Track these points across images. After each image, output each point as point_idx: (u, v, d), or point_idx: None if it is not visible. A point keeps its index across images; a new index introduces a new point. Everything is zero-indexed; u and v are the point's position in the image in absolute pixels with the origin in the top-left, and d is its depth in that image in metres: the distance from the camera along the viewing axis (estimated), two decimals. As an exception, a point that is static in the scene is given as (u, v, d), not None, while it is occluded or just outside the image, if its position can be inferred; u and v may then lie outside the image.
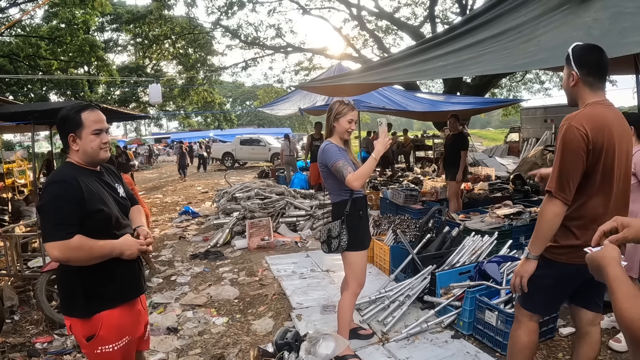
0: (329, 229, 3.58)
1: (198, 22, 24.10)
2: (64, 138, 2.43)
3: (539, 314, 2.78)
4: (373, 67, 7.54)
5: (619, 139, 2.44)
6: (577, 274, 2.49)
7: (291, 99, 16.71)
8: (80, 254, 2.27)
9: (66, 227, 2.25)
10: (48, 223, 2.26)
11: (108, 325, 2.41)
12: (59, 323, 4.74)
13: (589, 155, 2.39)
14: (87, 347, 2.42)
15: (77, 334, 2.42)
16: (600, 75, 2.49)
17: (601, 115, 2.43)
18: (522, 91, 27.43)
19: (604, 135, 2.38)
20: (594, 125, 2.37)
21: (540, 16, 4.86)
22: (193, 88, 26.84)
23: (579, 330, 2.79)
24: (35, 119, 6.16)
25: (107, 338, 2.42)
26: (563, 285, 2.62)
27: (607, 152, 2.40)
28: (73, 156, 2.45)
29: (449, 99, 15.65)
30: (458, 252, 5.09)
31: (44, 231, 2.28)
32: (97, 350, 2.42)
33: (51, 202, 2.27)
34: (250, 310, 4.96)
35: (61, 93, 24.28)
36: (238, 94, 69.77)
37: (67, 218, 2.25)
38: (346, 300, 3.68)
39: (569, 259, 2.51)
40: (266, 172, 18.92)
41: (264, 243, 7.54)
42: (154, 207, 13.08)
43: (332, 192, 3.66)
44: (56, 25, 21.18)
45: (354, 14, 21.45)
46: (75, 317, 2.40)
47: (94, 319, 2.38)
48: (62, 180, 2.31)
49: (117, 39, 28.80)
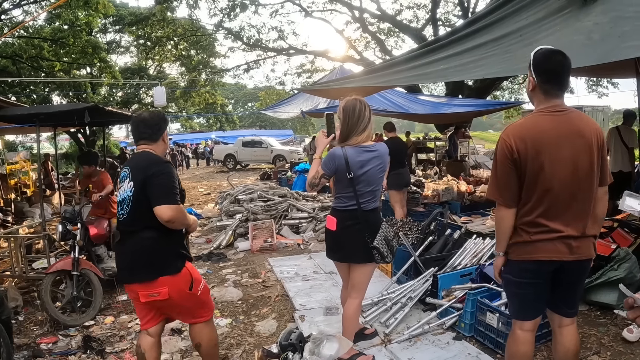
0: (385, 237, 3.43)
1: (200, 24, 24.11)
2: (160, 133, 3.18)
3: (517, 318, 2.87)
4: (375, 70, 7.58)
5: (558, 145, 2.56)
6: (532, 269, 2.68)
7: (293, 102, 16.77)
8: (182, 216, 2.97)
9: (175, 195, 2.95)
10: (166, 189, 2.91)
11: (193, 269, 3.18)
12: (63, 324, 4.79)
13: (517, 164, 2.60)
14: (190, 296, 3.10)
15: (180, 290, 3.03)
16: (557, 82, 2.63)
17: (533, 125, 2.64)
18: (523, 94, 27.37)
19: (533, 143, 2.56)
20: (521, 136, 2.60)
21: (542, 20, 4.90)
22: (195, 90, 26.87)
23: (552, 330, 2.95)
24: (41, 121, 6.19)
25: (198, 278, 3.19)
26: (526, 285, 2.74)
27: (535, 159, 2.56)
28: (157, 150, 3.16)
29: (451, 101, 15.68)
30: (460, 255, 5.12)
31: (160, 196, 2.87)
32: (198, 291, 3.14)
33: (169, 175, 2.95)
34: (253, 312, 5.00)
35: (64, 94, 24.29)
36: (240, 95, 69.83)
37: (176, 188, 2.97)
38: (354, 309, 3.62)
39: (519, 256, 2.72)
40: (268, 174, 18.94)
41: (266, 245, 7.57)
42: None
43: (376, 197, 3.52)
44: (59, 26, 21.16)
45: (356, 17, 21.44)
46: (174, 274, 3.00)
47: (185, 270, 3.07)
48: (170, 162, 3.11)
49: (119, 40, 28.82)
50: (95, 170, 6.23)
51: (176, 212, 2.88)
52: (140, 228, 2.97)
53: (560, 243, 2.60)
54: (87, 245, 5.56)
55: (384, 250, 3.40)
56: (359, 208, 3.40)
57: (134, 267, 3.01)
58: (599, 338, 4.02)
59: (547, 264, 2.64)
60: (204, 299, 3.24)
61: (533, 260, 2.66)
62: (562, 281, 2.73)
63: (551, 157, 2.56)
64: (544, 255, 2.63)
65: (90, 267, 5.20)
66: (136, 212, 2.96)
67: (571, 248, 2.60)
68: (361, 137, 3.39)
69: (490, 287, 4.21)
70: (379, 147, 3.47)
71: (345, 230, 3.45)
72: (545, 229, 2.62)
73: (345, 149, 3.36)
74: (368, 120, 3.40)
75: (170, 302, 3.04)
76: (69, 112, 6.35)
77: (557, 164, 2.56)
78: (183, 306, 3.14)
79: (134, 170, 3.01)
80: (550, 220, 2.60)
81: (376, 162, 3.40)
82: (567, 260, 2.62)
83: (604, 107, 21.32)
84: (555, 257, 2.62)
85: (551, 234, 2.61)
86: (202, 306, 3.25)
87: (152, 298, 2.98)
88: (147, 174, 2.92)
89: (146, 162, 2.99)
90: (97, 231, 5.71)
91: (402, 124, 25.08)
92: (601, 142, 2.63)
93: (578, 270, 2.71)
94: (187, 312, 3.22)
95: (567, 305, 2.80)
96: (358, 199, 3.39)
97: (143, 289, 2.99)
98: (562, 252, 2.61)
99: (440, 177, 12.36)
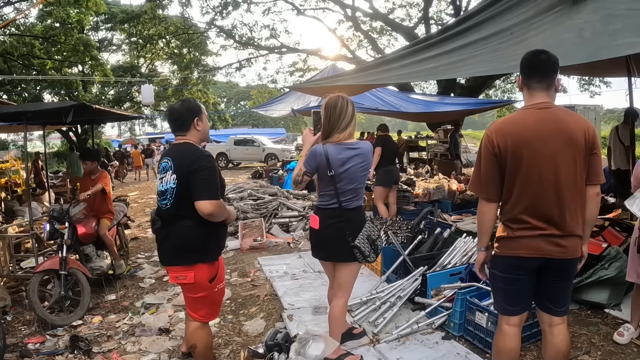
0: (368, 236, 3.37)
1: (192, 22, 24.01)
2: (189, 123, 3.20)
3: (503, 313, 2.88)
4: (366, 68, 7.56)
5: (540, 141, 2.57)
6: (515, 265, 2.71)
7: (285, 100, 16.70)
8: (222, 211, 3.10)
9: (216, 190, 3.06)
10: (208, 185, 3.01)
11: (222, 267, 3.36)
12: (51, 324, 4.73)
13: (499, 159, 2.65)
14: (209, 288, 3.23)
15: (203, 278, 3.18)
16: (538, 77, 2.66)
17: (516, 121, 2.68)
18: (516, 92, 27.44)
19: (513, 139, 2.60)
20: (503, 131, 2.65)
21: (532, 18, 4.88)
22: (187, 88, 26.77)
23: (542, 329, 2.94)
24: (28, 119, 6.13)
25: (221, 277, 3.35)
26: (510, 280, 2.77)
27: (514, 154, 2.60)
28: (193, 138, 3.23)
29: (443, 99, 15.68)
30: (449, 254, 5.11)
31: (202, 191, 2.99)
32: (215, 288, 3.28)
33: (211, 170, 3.05)
34: (242, 311, 4.96)
35: (55, 93, 24.13)
36: (232, 94, 69.62)
37: (217, 182, 3.08)
38: (340, 308, 3.56)
39: (503, 251, 2.74)
40: (260, 173, 18.88)
41: (256, 244, 7.53)
42: (147, 207, 13.04)
43: (359, 195, 3.45)
44: (50, 24, 21.03)
45: (349, 15, 21.41)
46: (206, 262, 3.18)
47: (216, 263, 3.27)
48: (212, 156, 3.16)
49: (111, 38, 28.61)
50: (96, 168, 6.17)
51: (216, 207, 3.02)
52: (183, 217, 3.12)
53: (542, 240, 2.60)
54: (75, 244, 5.50)
55: (366, 249, 3.35)
56: (340, 206, 3.35)
57: (175, 251, 3.18)
58: (589, 337, 4.02)
59: (529, 260, 2.64)
60: (215, 298, 3.37)
61: (515, 255, 2.68)
62: (547, 279, 2.72)
63: (532, 153, 2.57)
64: (525, 251, 2.63)
65: (78, 266, 5.15)
66: (180, 203, 3.10)
67: (554, 246, 2.59)
68: (343, 134, 3.33)
69: (479, 286, 4.20)
70: (362, 145, 3.40)
71: (328, 229, 3.41)
72: (528, 226, 2.62)
73: (327, 146, 3.32)
74: (350, 118, 3.34)
75: (190, 287, 3.22)
76: (56, 110, 6.30)
77: (538, 160, 2.57)
78: (196, 294, 3.25)
79: (176, 163, 3.12)
80: (532, 216, 2.61)
81: (358, 160, 3.33)
82: (550, 258, 2.61)
83: (595, 107, 21.35)
84: (536, 254, 2.61)
85: (533, 231, 2.61)
86: (211, 304, 3.36)
87: (179, 280, 3.21)
88: (190, 169, 3.03)
89: (189, 157, 3.08)
90: (85, 230, 5.66)
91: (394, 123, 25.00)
92: (590, 140, 2.59)
93: (563, 269, 2.69)
94: (195, 302, 3.30)
95: (554, 304, 2.78)
96: (339, 197, 3.34)
97: (175, 272, 3.22)
98: (543, 249, 2.60)
99: (432, 175, 12.37)
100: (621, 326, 4.03)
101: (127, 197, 7.90)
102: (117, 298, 5.52)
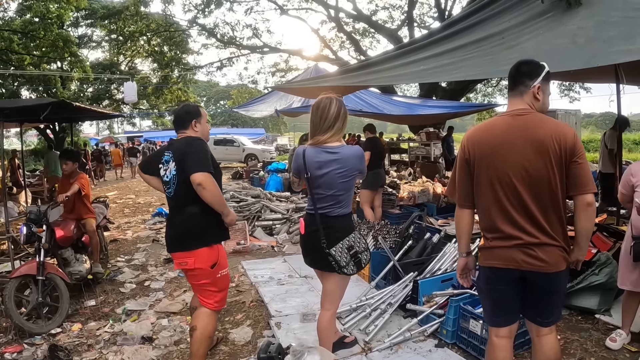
0: (350, 246, 3.17)
1: (174, 20, 23.79)
2: (188, 123, 3.52)
3: (491, 325, 2.83)
4: (352, 69, 7.47)
5: (509, 149, 2.52)
6: (492, 276, 2.66)
7: (267, 101, 16.58)
8: (214, 188, 3.27)
9: (209, 166, 3.30)
10: (202, 160, 3.28)
11: (222, 254, 3.53)
12: (28, 332, 4.53)
13: (470, 164, 2.65)
14: (211, 274, 3.44)
15: (204, 264, 3.39)
16: (510, 84, 2.67)
17: (487, 128, 2.68)
18: (497, 96, 27.68)
19: (483, 146, 2.60)
20: (474, 138, 2.66)
21: (524, 23, 4.86)
22: (167, 87, 26.46)
23: (532, 340, 2.87)
24: (5, 116, 5.91)
25: (222, 264, 3.51)
26: (492, 291, 2.73)
27: (483, 160, 2.59)
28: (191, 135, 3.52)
29: (425, 102, 15.73)
30: (439, 259, 5.04)
31: (196, 165, 3.24)
32: (218, 274, 3.47)
33: (203, 151, 3.34)
34: (227, 318, 4.82)
35: (33, 89, 23.70)
36: (212, 93, 69.24)
37: (209, 160, 3.34)
38: (327, 321, 3.40)
39: (482, 262, 2.70)
40: (240, 174, 18.71)
41: (239, 247, 7.40)
42: (127, 207, 12.81)
43: (345, 202, 3.25)
44: (29, 19, 20.64)
45: (332, 16, 21.42)
46: (205, 247, 3.38)
47: (215, 248, 3.46)
48: (197, 140, 3.43)
49: (91, 34, 28.07)
50: (75, 171, 5.96)
51: (207, 178, 3.23)
52: (185, 203, 3.40)
53: (517, 251, 2.51)
54: (53, 248, 5.31)
55: (343, 259, 3.14)
56: (316, 213, 3.20)
57: (177, 237, 3.45)
58: (581, 343, 4.00)
59: (505, 271, 2.57)
60: (219, 285, 3.54)
61: (492, 266, 2.64)
62: (531, 291, 2.63)
63: (499, 161, 2.54)
64: (500, 262, 2.57)
65: (56, 271, 4.95)
66: (181, 189, 3.39)
67: (530, 257, 2.49)
68: (324, 136, 3.16)
69: (472, 293, 4.13)
70: (344, 150, 3.18)
71: (309, 235, 3.27)
72: (501, 235, 2.56)
73: (308, 148, 3.20)
74: (334, 120, 3.15)
75: (193, 274, 3.46)
76: (33, 107, 6.09)
77: (507, 168, 2.52)
78: (200, 281, 3.48)
79: (175, 151, 3.44)
80: (505, 225, 2.54)
81: (335, 165, 3.12)
82: (528, 270, 2.52)
83: (576, 111, 21.66)
84: (510, 265, 2.53)
85: (508, 241, 2.54)
86: (216, 291, 3.53)
87: (182, 266, 3.46)
88: (185, 151, 3.35)
89: (184, 143, 3.43)
90: (64, 233, 5.47)
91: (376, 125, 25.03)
92: (566, 148, 2.45)
93: (543, 282, 2.56)
94: (201, 290, 3.52)
95: (540, 315, 2.69)
96: (315, 202, 3.20)
97: (177, 258, 3.48)
98: (518, 260, 2.51)
99: (415, 178, 12.32)
100: (613, 332, 4.04)
101: (106, 198, 7.68)
102: (97, 304, 5.33)
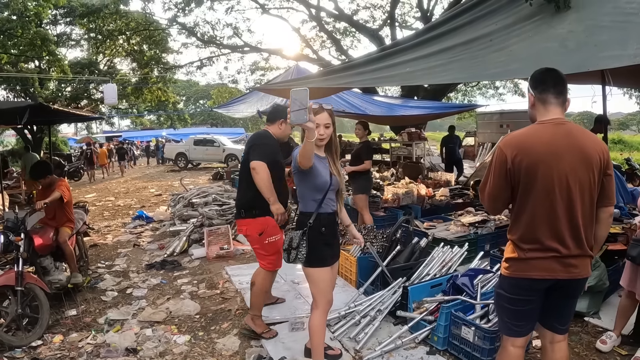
0: (291, 238, 3.33)
1: (154, 19, 23.51)
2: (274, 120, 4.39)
3: (509, 335, 2.77)
4: (335, 71, 7.38)
5: (557, 158, 2.46)
6: (525, 286, 2.59)
7: (247, 101, 16.44)
8: (264, 175, 4.00)
9: (265, 156, 4.06)
10: (262, 152, 4.09)
11: (270, 223, 4.19)
12: (8, 345, 4.35)
13: (511, 174, 2.53)
14: (259, 240, 4.21)
15: (253, 232, 4.21)
16: (554, 91, 2.56)
17: (532, 135, 2.55)
18: (477, 96, 27.90)
19: (529, 155, 2.48)
20: (516, 147, 2.52)
21: (512, 25, 4.83)
22: (147, 86, 26.10)
23: (542, 345, 2.88)
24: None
25: (269, 232, 4.19)
26: (519, 301, 2.65)
27: (529, 170, 2.48)
28: (272, 129, 4.39)
29: (406, 102, 15.71)
30: (427, 264, 4.97)
31: (256, 154, 4.06)
32: (265, 241, 4.20)
33: (266, 145, 4.20)
34: (213, 327, 4.70)
35: (10, 89, 23.17)
36: (192, 92, 68.58)
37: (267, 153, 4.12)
38: (317, 319, 3.41)
39: (512, 273, 2.62)
40: (221, 174, 18.52)
41: (223, 252, 7.27)
42: (106, 210, 12.57)
43: (300, 199, 3.38)
44: (7, 17, 20.16)
45: (313, 15, 21.34)
46: (252, 218, 4.20)
47: (261, 220, 4.17)
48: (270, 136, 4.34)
49: (70, 33, 27.51)
50: (52, 178, 5.78)
51: (259, 165, 4.00)
52: (243, 181, 4.30)
53: (555, 261, 2.50)
54: (32, 256, 5.14)
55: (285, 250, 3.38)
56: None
57: (236, 208, 4.41)
58: (572, 347, 3.98)
59: (540, 281, 2.54)
60: (268, 250, 4.23)
61: (527, 277, 2.56)
62: (555, 298, 2.64)
63: (547, 170, 2.46)
64: (537, 273, 2.52)
65: (35, 281, 4.78)
66: (244, 169, 4.26)
67: (566, 266, 2.50)
68: None
69: (463, 299, 4.08)
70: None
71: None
72: (539, 247, 2.51)
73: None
74: None
75: (248, 239, 4.40)
76: (10, 110, 5.91)
77: (553, 178, 2.46)
78: (254, 245, 4.35)
79: (249, 141, 4.40)
80: (544, 236, 2.50)
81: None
82: (562, 279, 2.53)
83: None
84: (548, 275, 2.52)
85: (546, 252, 2.50)
86: (266, 254, 4.25)
87: (241, 232, 4.50)
88: (253, 142, 4.27)
89: (256, 136, 4.44)
90: (43, 241, 5.28)
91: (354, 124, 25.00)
92: (605, 160, 2.52)
93: (572, 287, 2.62)
94: (255, 251, 4.40)
95: (559, 322, 2.72)
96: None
97: (238, 224, 4.45)
98: (556, 270, 2.51)
99: (397, 179, 12.28)
100: (604, 334, 4.06)
101: (86, 203, 7.49)
102: (78, 314, 5.15)
